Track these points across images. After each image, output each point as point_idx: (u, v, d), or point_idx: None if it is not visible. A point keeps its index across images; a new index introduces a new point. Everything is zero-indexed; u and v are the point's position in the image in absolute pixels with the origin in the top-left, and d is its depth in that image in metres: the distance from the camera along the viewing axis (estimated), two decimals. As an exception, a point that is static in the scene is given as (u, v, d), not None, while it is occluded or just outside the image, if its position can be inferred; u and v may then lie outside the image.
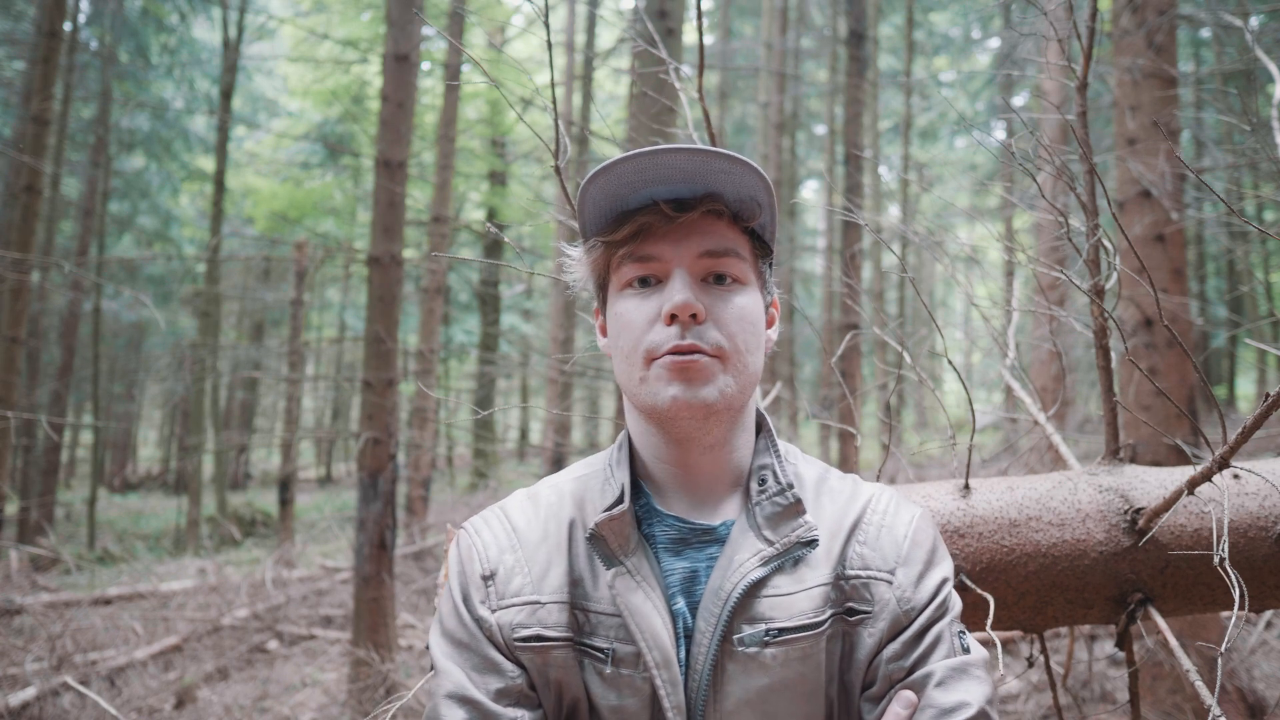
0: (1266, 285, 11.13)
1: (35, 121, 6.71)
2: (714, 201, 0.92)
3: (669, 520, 0.94)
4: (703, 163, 0.89)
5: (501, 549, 0.97)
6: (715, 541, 0.93)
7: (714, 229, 0.93)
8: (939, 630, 0.91)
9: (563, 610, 0.91)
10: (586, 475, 1.01)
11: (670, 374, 0.88)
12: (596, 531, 0.91)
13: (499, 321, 16.47)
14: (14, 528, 10.17)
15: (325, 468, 21.99)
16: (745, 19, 19.98)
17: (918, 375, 1.78)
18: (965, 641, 0.92)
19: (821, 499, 0.98)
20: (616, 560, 0.90)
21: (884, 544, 0.94)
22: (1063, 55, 1.58)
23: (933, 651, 0.89)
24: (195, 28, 16.25)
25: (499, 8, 12.91)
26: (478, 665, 0.91)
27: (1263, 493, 1.30)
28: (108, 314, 14.54)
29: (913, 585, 0.92)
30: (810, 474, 1.01)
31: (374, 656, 4.60)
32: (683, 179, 0.90)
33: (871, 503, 0.98)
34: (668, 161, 0.88)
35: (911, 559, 0.93)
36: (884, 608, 0.90)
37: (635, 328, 0.91)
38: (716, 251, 0.92)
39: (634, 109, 4.79)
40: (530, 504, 1.01)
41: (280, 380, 12.75)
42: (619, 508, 0.91)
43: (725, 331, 0.90)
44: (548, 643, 0.90)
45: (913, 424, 18.60)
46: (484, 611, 0.93)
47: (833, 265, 11.17)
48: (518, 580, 0.94)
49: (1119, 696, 4.08)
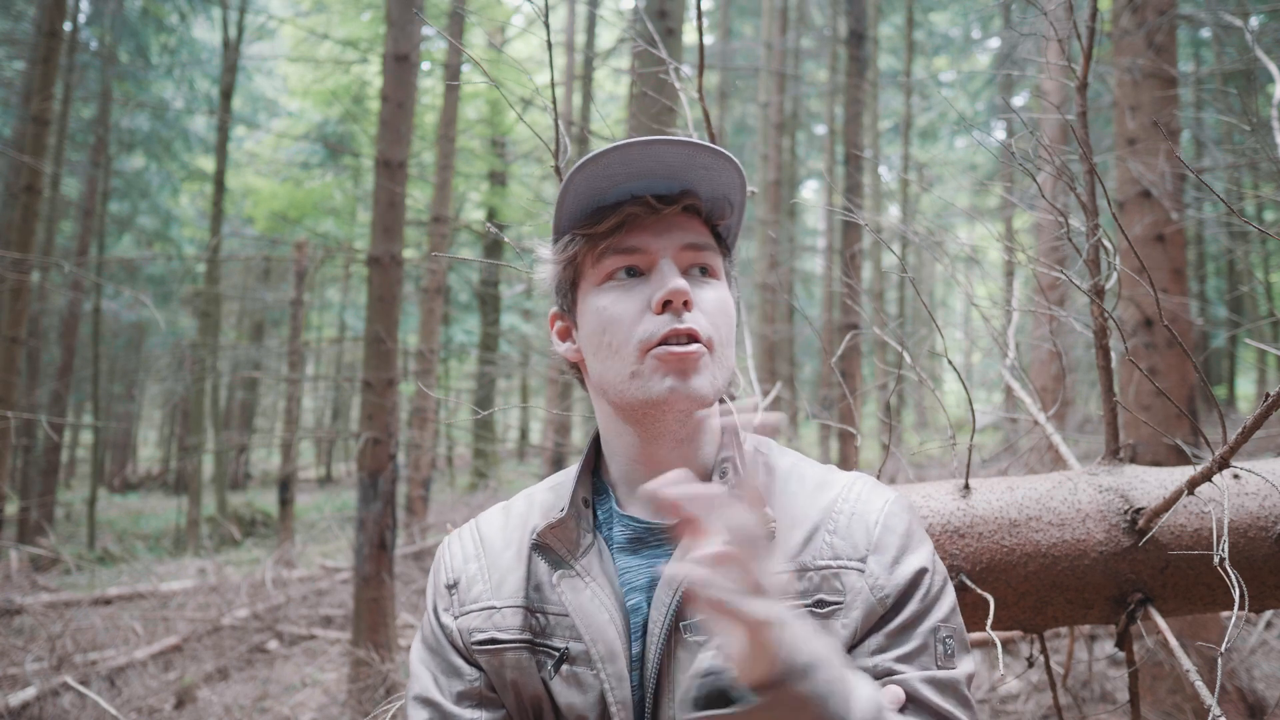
0: (1266, 285, 11.14)
1: (35, 121, 6.71)
2: (692, 197, 0.93)
3: (626, 521, 0.95)
4: (689, 155, 0.89)
5: (466, 558, 1.02)
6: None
7: (692, 224, 0.94)
8: (923, 635, 0.87)
9: (517, 614, 0.94)
10: (561, 484, 1.03)
11: (665, 366, 0.88)
12: (538, 540, 0.94)
13: (499, 321, 16.47)
14: (14, 528, 10.17)
15: (325, 468, 21.99)
16: (745, 19, 19.97)
17: (918, 375, 1.78)
18: (952, 648, 0.88)
19: (789, 488, 0.96)
20: (565, 564, 0.93)
21: (854, 531, 0.91)
22: (1063, 55, 1.58)
23: (915, 656, 0.85)
24: (195, 28, 16.25)
25: (499, 8, 12.91)
26: (444, 669, 0.96)
27: (1263, 493, 1.30)
28: (108, 314, 14.53)
29: (886, 571, 0.88)
30: (782, 464, 1.00)
31: (374, 656, 4.60)
32: (666, 174, 0.91)
33: (843, 491, 0.95)
34: (657, 153, 0.88)
35: (884, 545, 0.90)
36: (856, 596, 0.87)
37: (624, 320, 0.90)
38: (698, 245, 0.93)
39: (634, 109, 4.79)
40: (502, 515, 1.06)
41: (280, 380, 12.75)
42: (559, 515, 0.94)
43: (713, 322, 0.91)
44: (501, 645, 0.93)
45: (913, 424, 18.60)
46: (448, 619, 0.98)
47: (833, 265, 11.17)
48: (478, 588, 0.98)
49: (1119, 696, 4.08)
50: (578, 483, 0.98)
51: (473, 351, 15.49)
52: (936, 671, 0.85)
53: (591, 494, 1.00)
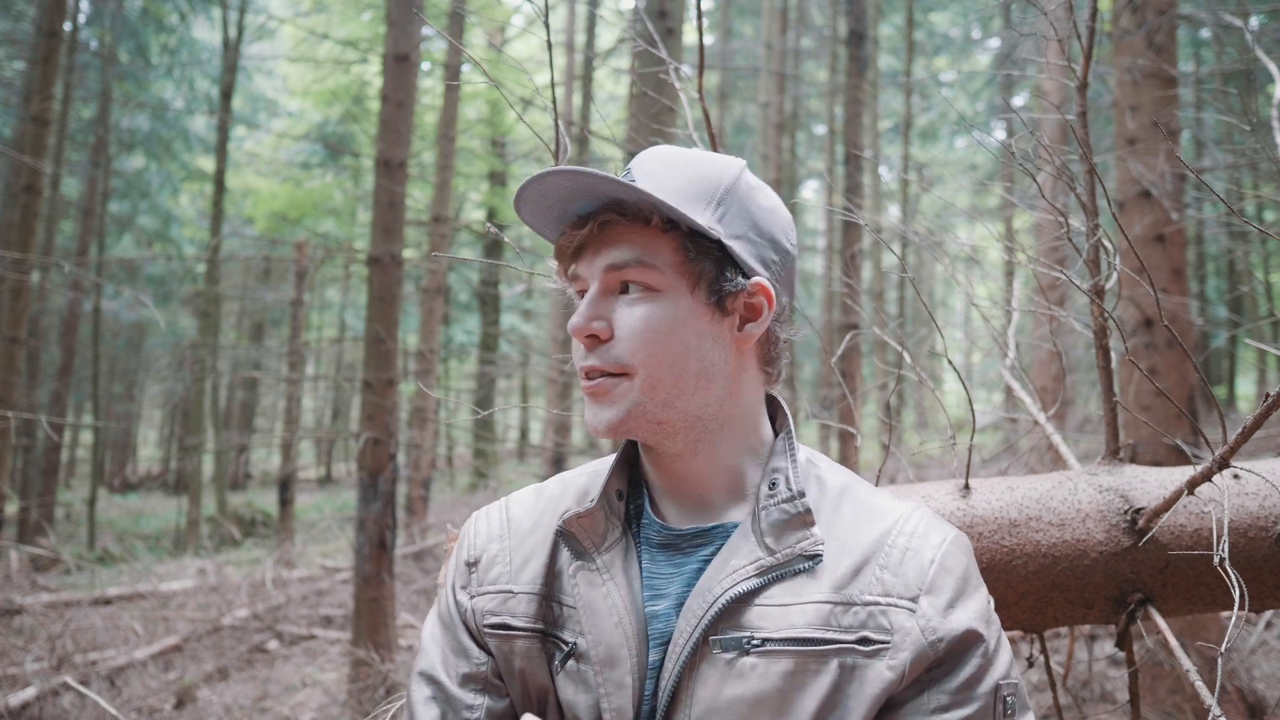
0: (1266, 285, 11.14)
1: (35, 121, 6.71)
2: (609, 211, 0.87)
3: (656, 525, 0.93)
4: (571, 179, 0.84)
5: (490, 538, 0.99)
6: (709, 543, 0.90)
7: (624, 237, 0.87)
8: (985, 693, 0.82)
9: (532, 601, 0.92)
10: (598, 471, 1.00)
11: (586, 397, 0.89)
12: (564, 528, 0.92)
13: (499, 321, 16.47)
14: (14, 528, 10.18)
15: (325, 468, 22.00)
16: (745, 19, 19.97)
17: (918, 375, 1.78)
18: (1012, 707, 0.82)
19: (841, 510, 0.91)
20: (587, 555, 0.91)
21: (907, 569, 0.86)
22: (1063, 55, 1.58)
23: (980, 718, 0.81)
24: (195, 28, 16.25)
25: (499, 8, 12.91)
26: (454, 647, 0.95)
27: (1263, 493, 1.30)
28: (108, 314, 14.54)
29: (940, 615, 0.83)
30: (835, 482, 0.94)
31: (374, 656, 4.60)
32: (585, 191, 0.86)
33: (898, 524, 0.89)
34: (551, 182, 0.85)
35: (939, 586, 0.85)
36: (905, 637, 0.82)
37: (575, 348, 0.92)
38: (618, 264, 0.87)
39: (634, 109, 4.79)
40: (533, 496, 1.03)
41: (280, 380, 12.75)
42: (589, 505, 0.92)
43: (630, 346, 0.86)
44: (513, 632, 0.91)
45: (913, 424, 18.59)
46: (463, 596, 0.97)
47: (833, 265, 11.17)
48: (497, 569, 0.96)
49: (1119, 696, 4.09)
50: (612, 473, 0.95)
51: (473, 351, 15.49)
52: None
53: (627, 487, 0.97)
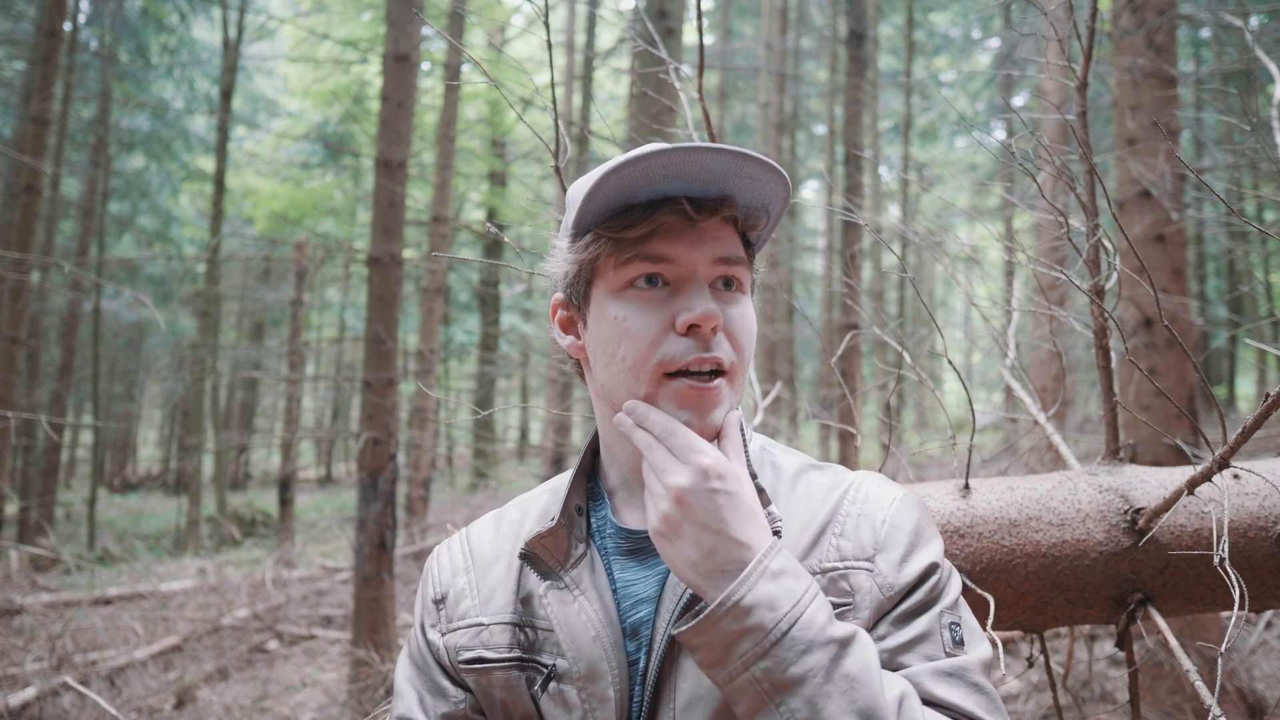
0: (1266, 285, 11.13)
1: (35, 121, 6.71)
2: (731, 207, 0.87)
3: (622, 533, 0.92)
4: (737, 165, 0.82)
5: (454, 571, 0.99)
6: None
7: (726, 234, 0.88)
8: (928, 621, 0.83)
9: (505, 630, 0.91)
10: (557, 488, 0.99)
11: (683, 400, 0.84)
12: (527, 550, 0.90)
13: (499, 321, 16.46)
14: (14, 528, 10.18)
15: (325, 468, 21.99)
16: (745, 19, 19.97)
17: (918, 375, 1.78)
18: (959, 634, 0.84)
19: (796, 491, 0.93)
20: (554, 575, 0.89)
21: (862, 531, 0.88)
22: (1063, 55, 1.58)
23: (918, 644, 0.82)
24: (195, 28, 16.25)
25: (499, 8, 12.90)
26: (430, 688, 0.94)
27: (1263, 493, 1.30)
28: (108, 314, 14.53)
29: (894, 570, 0.85)
30: (790, 465, 0.96)
31: (374, 656, 4.60)
32: (706, 178, 0.84)
33: (850, 491, 0.92)
34: (701, 159, 0.81)
35: (892, 543, 0.87)
36: (865, 596, 0.84)
37: (644, 337, 0.84)
38: (730, 259, 0.87)
39: (634, 109, 4.80)
40: (493, 523, 1.02)
41: (280, 380, 12.74)
42: (549, 524, 0.90)
43: (736, 344, 0.87)
44: (489, 664, 0.90)
45: (913, 424, 18.59)
46: (434, 635, 0.95)
47: (833, 265, 11.17)
48: (466, 603, 0.95)
49: (1119, 696, 4.08)
50: (571, 489, 0.94)
51: (473, 351, 15.48)
52: (943, 660, 0.82)
53: (586, 500, 0.96)
